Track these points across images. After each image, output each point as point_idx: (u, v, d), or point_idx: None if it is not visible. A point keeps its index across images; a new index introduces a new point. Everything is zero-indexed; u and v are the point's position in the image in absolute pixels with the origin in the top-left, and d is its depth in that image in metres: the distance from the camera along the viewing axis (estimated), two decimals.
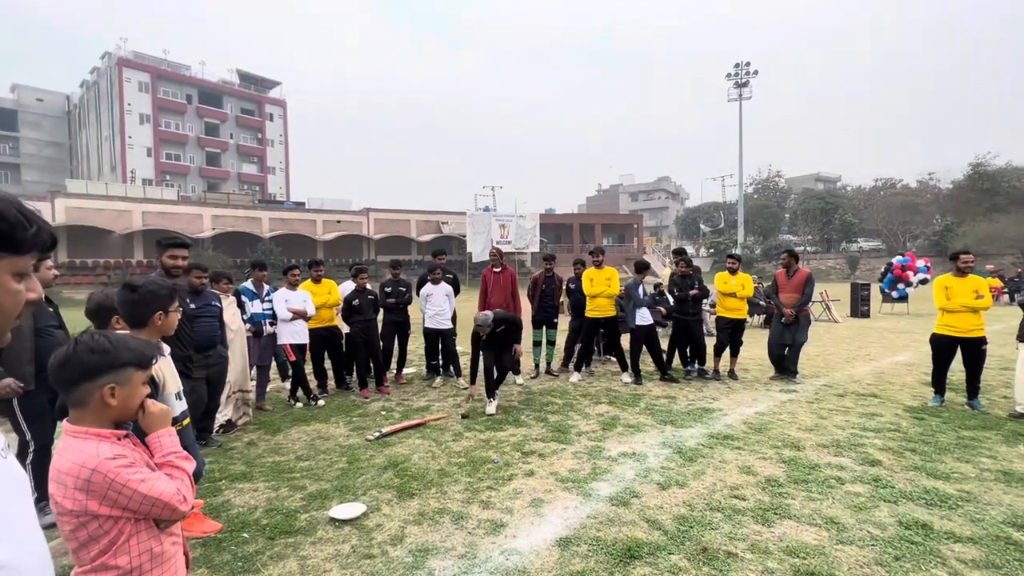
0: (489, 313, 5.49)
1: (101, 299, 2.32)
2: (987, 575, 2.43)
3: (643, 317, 6.59)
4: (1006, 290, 16.88)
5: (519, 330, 5.70)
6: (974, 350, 5.12)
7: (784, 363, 6.61)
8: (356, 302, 6.15)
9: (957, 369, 5.31)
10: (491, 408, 5.29)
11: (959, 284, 5.17)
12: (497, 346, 5.51)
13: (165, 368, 1.76)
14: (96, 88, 49.07)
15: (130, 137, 44.88)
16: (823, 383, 6.38)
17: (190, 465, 1.32)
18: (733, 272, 6.81)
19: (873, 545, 2.70)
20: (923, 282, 14.84)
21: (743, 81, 38.25)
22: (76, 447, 1.15)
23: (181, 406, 1.81)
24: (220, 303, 4.55)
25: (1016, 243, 33.34)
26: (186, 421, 1.84)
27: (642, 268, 6.95)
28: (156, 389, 1.68)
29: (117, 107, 44.68)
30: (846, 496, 3.26)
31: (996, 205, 38.71)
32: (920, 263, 15.04)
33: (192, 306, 4.22)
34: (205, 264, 4.67)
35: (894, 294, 15.07)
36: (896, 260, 15.31)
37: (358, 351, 6.20)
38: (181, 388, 1.84)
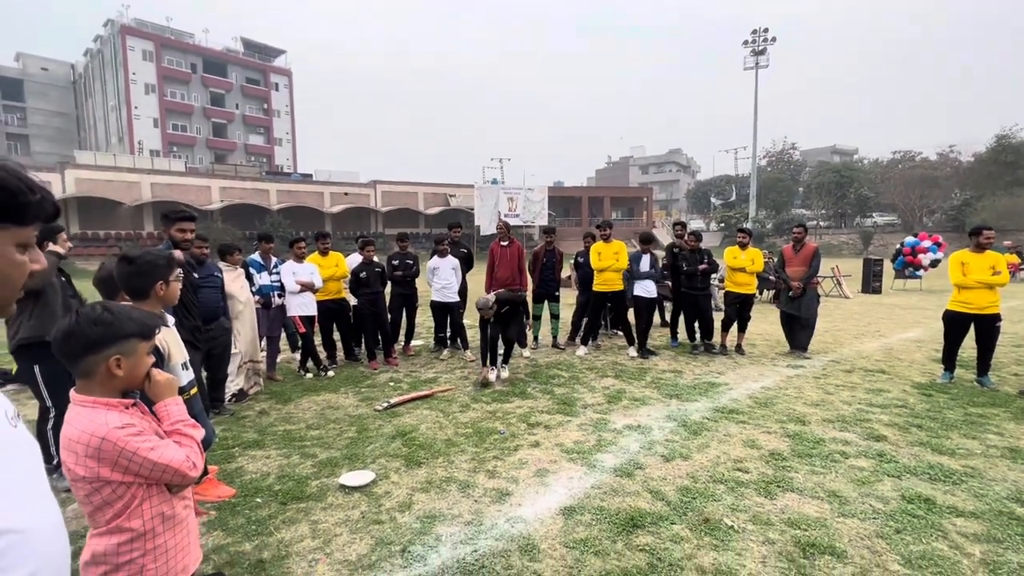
0: (490, 296, 5.50)
1: (111, 269, 2.34)
2: (988, 548, 2.45)
3: (645, 289, 6.58)
4: (1022, 267, 16.56)
5: (524, 306, 5.71)
6: (988, 327, 5.05)
7: (795, 339, 6.59)
8: (363, 274, 6.17)
9: (968, 346, 5.26)
10: (491, 376, 5.38)
11: (976, 260, 5.07)
12: (503, 320, 5.53)
13: (170, 338, 1.78)
14: (100, 57, 48.52)
15: (136, 107, 44.57)
16: (831, 359, 6.36)
17: (198, 432, 1.35)
18: (743, 247, 6.72)
19: (875, 518, 2.73)
20: (934, 264, 14.54)
21: (760, 49, 36.98)
22: (85, 416, 1.17)
23: (188, 376, 1.83)
24: (221, 274, 4.57)
25: None
26: (194, 391, 1.87)
27: (647, 240, 6.87)
28: (161, 359, 1.70)
29: (122, 76, 44.25)
30: (850, 470, 3.28)
31: (1018, 179, 37.60)
32: (928, 242, 14.62)
33: (195, 276, 4.25)
34: (206, 236, 4.68)
35: (908, 272, 14.84)
36: (908, 242, 14.94)
37: (365, 323, 6.26)
38: (188, 358, 1.86)
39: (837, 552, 2.43)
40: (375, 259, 6.38)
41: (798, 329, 6.60)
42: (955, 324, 5.21)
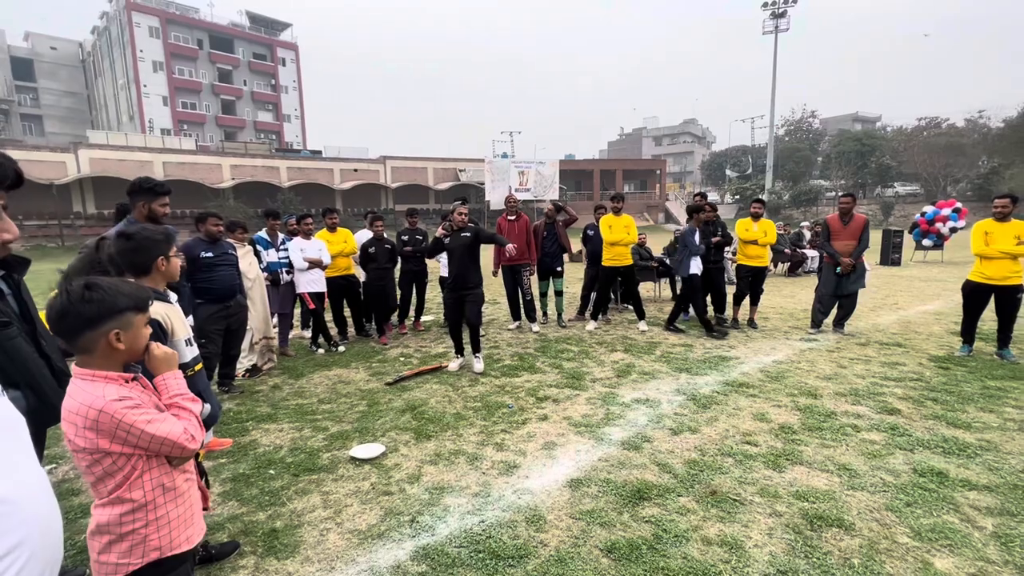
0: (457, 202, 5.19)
1: (90, 255, 2.34)
2: (1001, 521, 2.42)
3: (697, 266, 6.22)
4: None
5: (480, 280, 5.11)
6: (1009, 298, 4.90)
7: (838, 316, 6.21)
8: (372, 250, 6.18)
9: (988, 318, 5.12)
10: (453, 365, 5.08)
11: (1000, 229, 4.89)
12: (459, 303, 5.06)
13: (173, 314, 1.78)
14: (107, 34, 48.25)
15: (145, 86, 44.47)
16: (846, 332, 6.25)
17: (196, 406, 1.36)
18: (756, 218, 6.56)
19: (885, 491, 2.70)
20: (954, 230, 14.10)
21: (781, 11, 35.43)
22: (84, 388, 1.18)
23: (192, 352, 1.84)
24: (235, 251, 4.59)
25: None
26: (198, 366, 1.88)
27: (694, 211, 6.42)
28: (165, 335, 1.71)
29: (129, 54, 44.03)
30: (861, 444, 3.25)
31: None
32: (947, 209, 14.13)
33: (210, 254, 4.28)
34: (220, 214, 4.68)
35: (926, 242, 14.42)
36: (927, 215, 14.44)
37: (374, 298, 6.30)
38: (192, 335, 1.86)
39: (845, 524, 2.42)
40: (385, 235, 6.37)
41: (843, 306, 6.11)
42: (975, 295, 5.07)
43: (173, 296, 1.88)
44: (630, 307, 7.36)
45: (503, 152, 45.71)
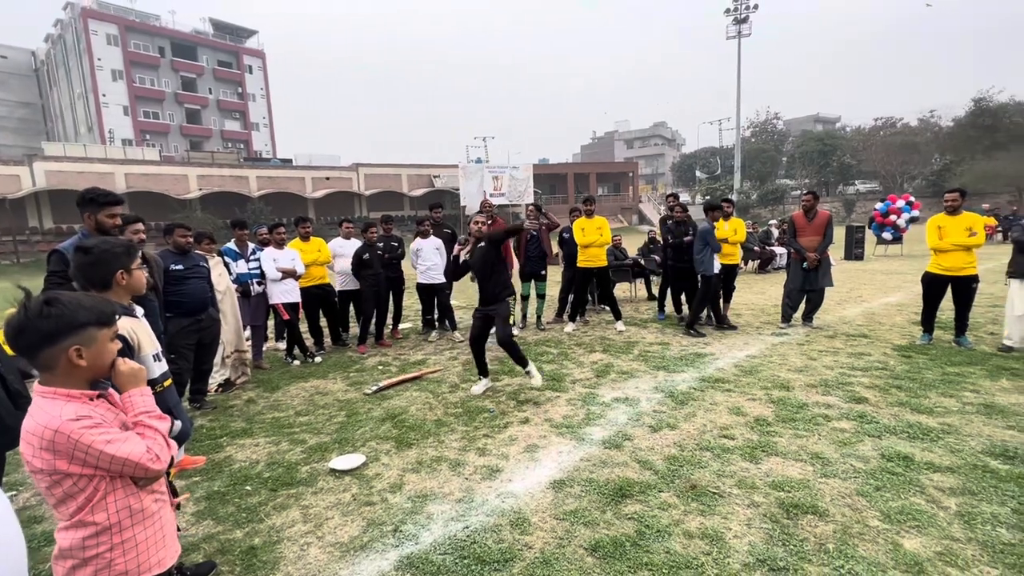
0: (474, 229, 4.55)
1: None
2: (963, 501, 2.53)
3: (718, 264, 6.27)
4: (999, 228, 16.87)
5: (504, 287, 4.48)
6: (965, 288, 5.14)
7: (807, 311, 6.41)
8: (366, 256, 6.12)
9: (947, 308, 5.37)
10: (478, 388, 4.53)
11: (951, 223, 5.14)
12: (487, 317, 4.52)
13: (139, 329, 1.72)
14: (62, 43, 46.47)
15: (104, 95, 42.97)
16: (814, 325, 6.45)
17: (164, 424, 1.31)
18: (727, 217, 6.73)
19: (855, 477, 2.80)
20: (913, 220, 14.77)
21: (743, 17, 36.53)
22: (42, 407, 1.14)
23: (161, 367, 1.78)
24: (207, 263, 4.48)
25: (1014, 181, 33.05)
26: (168, 382, 1.82)
27: (711, 208, 6.42)
28: (131, 350, 1.65)
29: (87, 62, 42.50)
30: (832, 432, 3.36)
31: (996, 142, 38.00)
32: (900, 202, 14.84)
33: (180, 267, 4.16)
34: (188, 225, 4.55)
35: (885, 235, 15.06)
36: (880, 208, 15.18)
37: (368, 305, 6.22)
38: (160, 349, 1.81)
39: (819, 511, 2.49)
40: (377, 242, 6.36)
41: (811, 300, 6.34)
42: (933, 286, 5.30)
43: (140, 310, 1.82)
44: (607, 308, 7.45)
45: (477, 157, 45.72)
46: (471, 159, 44.36)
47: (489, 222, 6.61)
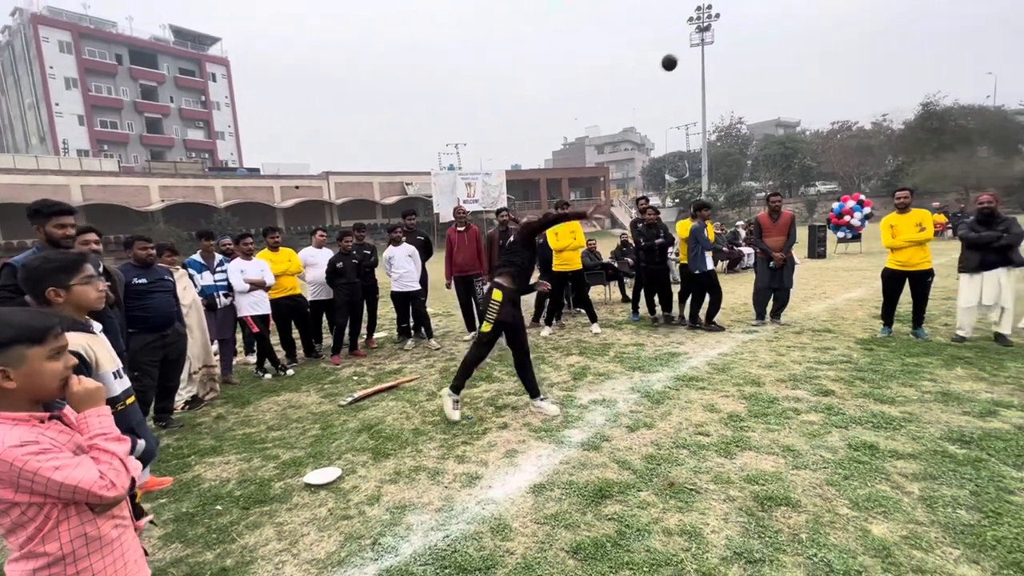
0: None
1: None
2: (925, 485, 2.64)
3: (711, 261, 6.34)
4: (949, 225, 17.76)
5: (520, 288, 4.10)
6: (921, 282, 5.40)
7: (775, 309, 6.60)
8: (340, 264, 6.03)
9: (905, 301, 5.61)
10: (554, 409, 3.98)
11: (903, 220, 5.39)
12: (516, 329, 4.08)
13: (98, 345, 1.64)
14: (11, 50, 44.43)
15: (57, 104, 41.20)
16: (782, 322, 6.65)
17: (121, 446, 1.23)
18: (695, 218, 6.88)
19: (825, 468, 2.89)
20: (868, 217, 15.49)
21: (705, 25, 37.58)
22: None
23: (122, 385, 1.70)
24: (172, 276, 4.33)
25: (961, 180, 34.94)
26: (130, 400, 1.74)
27: (700, 208, 6.48)
28: (88, 367, 1.57)
29: (37, 71, 40.71)
30: (802, 425, 3.46)
31: (943, 144, 40.17)
32: (851, 202, 15.59)
33: (143, 280, 4.01)
34: (149, 237, 4.39)
35: (840, 234, 15.74)
36: (835, 208, 15.91)
37: (341, 315, 6.11)
38: (121, 366, 1.73)
39: (792, 502, 2.56)
40: (352, 251, 6.27)
41: (779, 298, 6.53)
42: (892, 281, 5.55)
43: (98, 326, 1.73)
44: (583, 311, 7.51)
45: (450, 164, 45.64)
46: (443, 166, 44.25)
47: (461, 228, 6.63)
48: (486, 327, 3.94)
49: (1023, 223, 5.10)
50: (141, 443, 1.63)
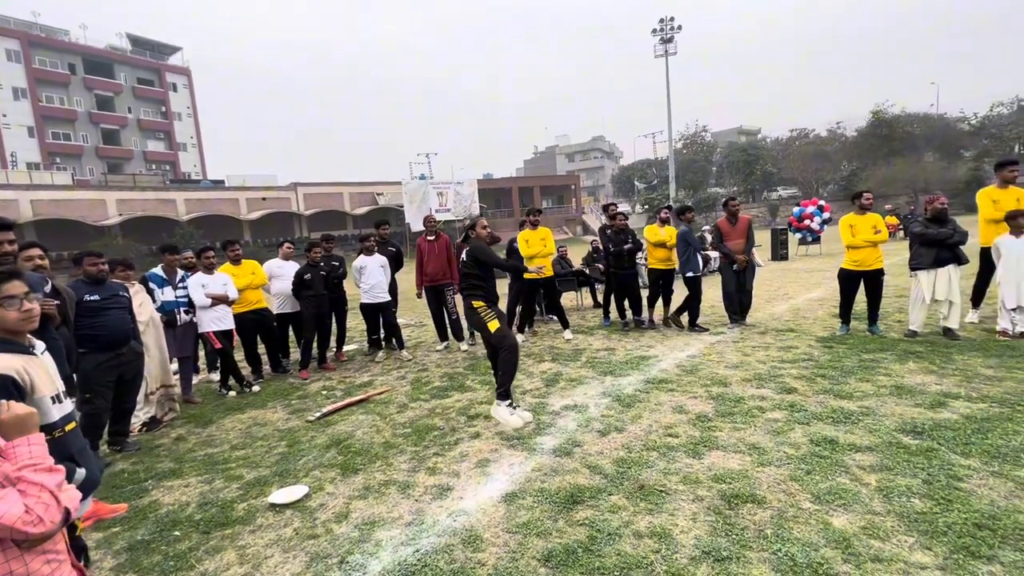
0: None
1: None
2: (882, 476, 2.74)
3: (700, 265, 6.45)
4: (901, 227, 18.65)
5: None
6: (875, 281, 5.65)
7: (742, 310, 6.76)
8: (308, 276, 5.90)
9: (860, 300, 5.84)
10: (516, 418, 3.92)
11: (861, 221, 5.64)
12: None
13: (35, 368, 1.54)
14: None
15: (4, 115, 39.33)
16: (747, 323, 6.83)
17: (53, 477, 1.16)
18: (665, 222, 7.02)
19: (788, 463, 2.96)
20: (826, 222, 16.17)
21: (668, 37, 38.69)
22: None
23: (61, 410, 1.60)
24: (127, 293, 4.15)
25: (910, 184, 36.86)
26: (70, 426, 1.64)
27: (684, 211, 6.58)
28: (21, 392, 1.47)
29: None
30: (766, 423, 3.55)
31: (893, 149, 42.40)
32: (811, 207, 16.31)
33: (95, 297, 3.84)
34: (103, 252, 4.21)
35: (799, 236, 16.39)
36: (795, 212, 16.59)
37: (309, 328, 5.97)
38: (62, 390, 1.63)
39: (757, 499, 2.61)
40: (320, 262, 6.15)
41: (742, 301, 6.69)
42: (848, 281, 5.78)
43: (40, 346, 1.64)
44: (555, 318, 7.55)
45: (421, 173, 45.45)
46: (415, 175, 44.04)
47: (431, 237, 6.59)
48: (493, 325, 3.95)
49: (964, 224, 5.41)
50: (81, 472, 1.53)
